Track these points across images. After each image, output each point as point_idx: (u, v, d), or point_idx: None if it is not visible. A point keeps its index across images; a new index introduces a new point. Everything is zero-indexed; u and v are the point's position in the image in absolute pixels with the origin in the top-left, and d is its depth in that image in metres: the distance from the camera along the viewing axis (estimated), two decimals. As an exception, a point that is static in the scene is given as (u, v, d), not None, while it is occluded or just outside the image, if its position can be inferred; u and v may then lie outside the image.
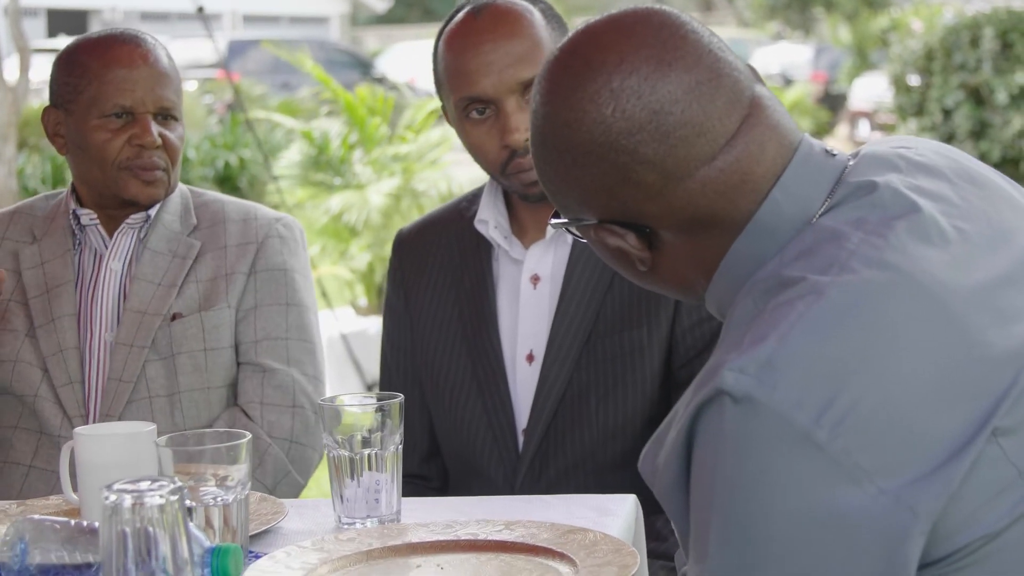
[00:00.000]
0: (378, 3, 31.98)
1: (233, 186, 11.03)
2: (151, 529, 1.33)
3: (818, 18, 28.36)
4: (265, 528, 1.82)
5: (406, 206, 6.35)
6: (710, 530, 1.23)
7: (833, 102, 19.31)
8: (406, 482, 1.94)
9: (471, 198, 2.34)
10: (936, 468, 1.19)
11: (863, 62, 20.63)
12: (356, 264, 6.39)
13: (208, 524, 1.67)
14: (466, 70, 2.14)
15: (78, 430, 1.87)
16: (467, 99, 2.15)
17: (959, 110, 10.41)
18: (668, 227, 1.36)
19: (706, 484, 1.24)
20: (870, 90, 15.45)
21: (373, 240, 6.33)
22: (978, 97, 10.38)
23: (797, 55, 22.50)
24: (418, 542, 1.71)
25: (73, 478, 1.91)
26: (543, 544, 1.66)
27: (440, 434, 2.32)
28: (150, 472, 1.76)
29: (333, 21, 30.44)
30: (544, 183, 1.42)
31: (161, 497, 1.33)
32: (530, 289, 2.24)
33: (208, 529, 1.67)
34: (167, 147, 2.37)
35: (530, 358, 2.22)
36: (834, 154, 1.38)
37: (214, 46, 6.64)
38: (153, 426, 1.85)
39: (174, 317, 2.36)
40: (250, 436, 1.71)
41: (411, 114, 6.86)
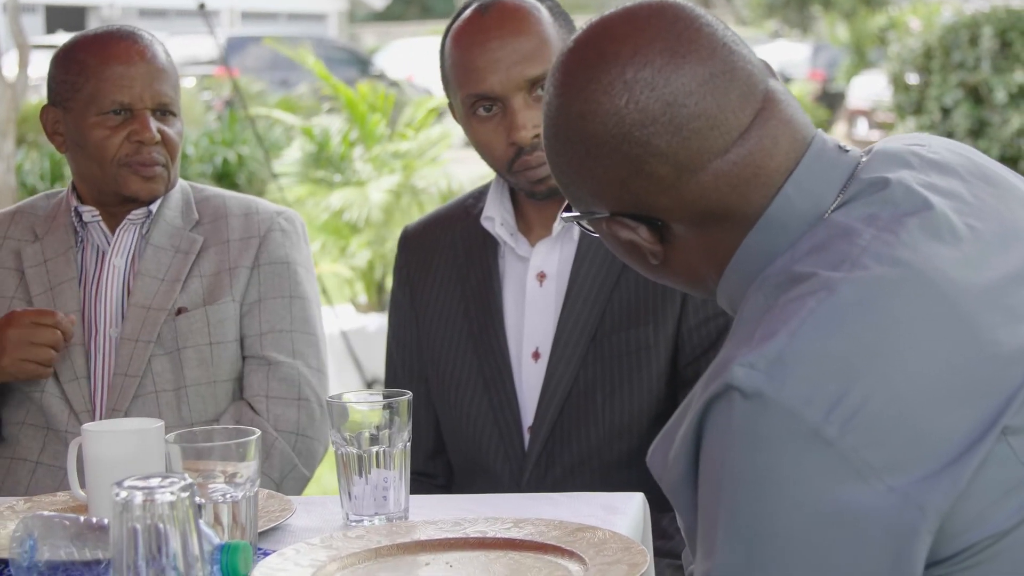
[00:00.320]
0: (376, 0, 31.95)
1: (231, 182, 11.01)
2: (162, 526, 1.33)
3: (816, 16, 28.33)
4: (273, 525, 1.82)
5: (406, 203, 6.35)
6: (718, 526, 1.23)
7: (831, 100, 19.31)
8: (411, 479, 1.94)
9: (477, 195, 2.34)
10: (945, 466, 1.19)
11: (861, 60, 20.63)
12: (356, 261, 6.38)
13: (217, 521, 1.66)
14: (473, 67, 2.14)
15: (86, 426, 1.87)
16: (474, 96, 2.15)
17: (958, 109, 10.40)
18: (680, 220, 1.35)
19: (714, 479, 1.23)
20: (868, 88, 15.42)
21: (373, 237, 6.32)
22: (977, 96, 10.37)
23: (795, 53, 22.49)
24: (427, 540, 1.71)
25: (80, 475, 1.90)
26: (552, 542, 1.66)
27: (446, 431, 2.31)
28: (158, 469, 1.76)
29: (331, 18, 30.43)
30: (556, 175, 1.41)
31: (172, 494, 1.33)
32: (536, 286, 2.23)
33: (217, 526, 1.66)
34: (166, 143, 2.37)
35: (536, 355, 2.22)
36: (847, 150, 1.38)
37: (215, 42, 6.62)
38: (161, 423, 1.85)
39: (179, 312, 2.36)
40: (259, 433, 1.71)
41: (411, 111, 6.86)
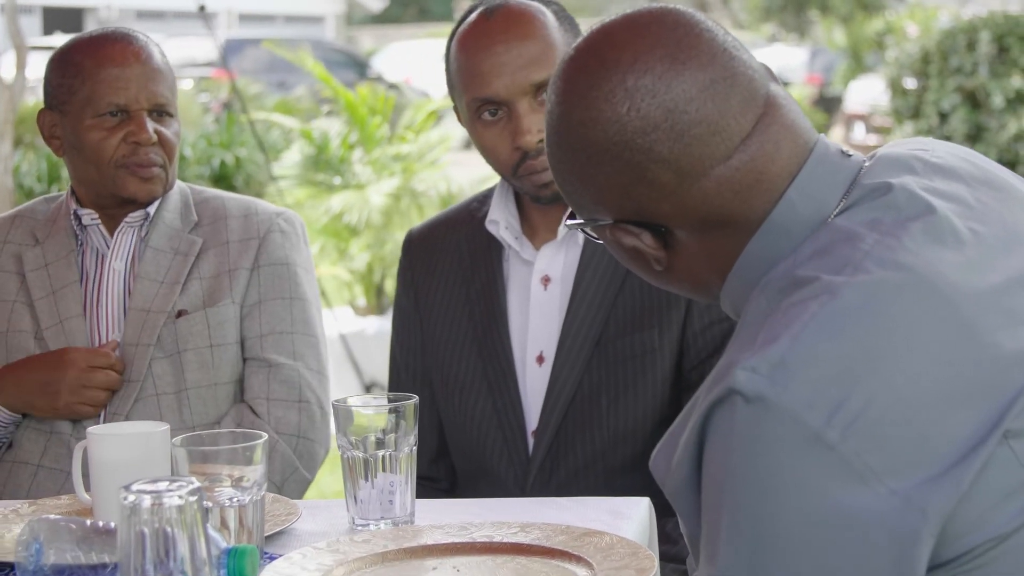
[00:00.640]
0: (374, 2, 31.95)
1: (229, 185, 10.99)
2: (170, 530, 1.32)
3: (813, 21, 28.34)
4: (279, 529, 1.82)
5: (406, 206, 6.34)
6: (720, 529, 1.23)
7: (828, 105, 19.29)
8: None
9: (482, 199, 2.34)
10: (947, 469, 1.19)
11: (858, 65, 20.63)
12: (355, 264, 6.38)
13: (223, 525, 1.66)
14: (479, 71, 2.14)
15: (91, 429, 1.87)
16: (479, 100, 2.15)
17: (955, 113, 10.40)
18: (683, 226, 1.35)
19: (717, 483, 1.24)
20: (865, 93, 15.41)
21: (373, 240, 6.31)
22: (974, 101, 10.37)
23: (792, 58, 22.47)
24: (433, 544, 1.71)
25: (85, 478, 1.90)
26: (559, 547, 1.66)
27: (450, 434, 2.31)
28: (164, 472, 1.76)
29: (328, 20, 30.40)
30: (559, 183, 1.41)
31: (180, 498, 1.33)
32: (540, 290, 2.24)
33: (223, 530, 1.66)
34: (163, 143, 2.36)
35: (540, 359, 2.22)
36: (850, 155, 1.38)
37: (215, 44, 6.62)
38: (166, 426, 1.85)
39: (179, 314, 2.35)
40: (266, 437, 1.71)
41: (411, 114, 6.85)
